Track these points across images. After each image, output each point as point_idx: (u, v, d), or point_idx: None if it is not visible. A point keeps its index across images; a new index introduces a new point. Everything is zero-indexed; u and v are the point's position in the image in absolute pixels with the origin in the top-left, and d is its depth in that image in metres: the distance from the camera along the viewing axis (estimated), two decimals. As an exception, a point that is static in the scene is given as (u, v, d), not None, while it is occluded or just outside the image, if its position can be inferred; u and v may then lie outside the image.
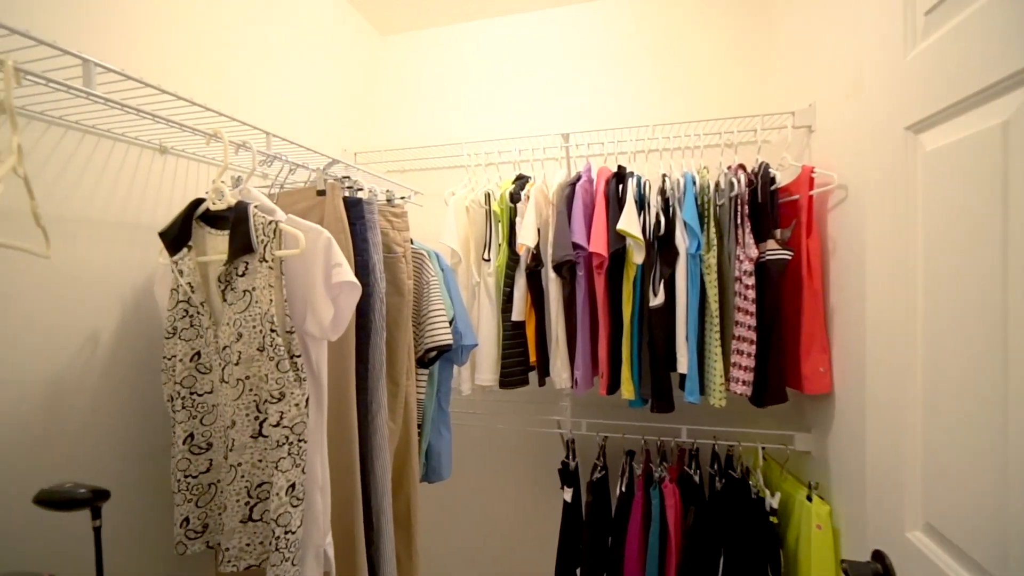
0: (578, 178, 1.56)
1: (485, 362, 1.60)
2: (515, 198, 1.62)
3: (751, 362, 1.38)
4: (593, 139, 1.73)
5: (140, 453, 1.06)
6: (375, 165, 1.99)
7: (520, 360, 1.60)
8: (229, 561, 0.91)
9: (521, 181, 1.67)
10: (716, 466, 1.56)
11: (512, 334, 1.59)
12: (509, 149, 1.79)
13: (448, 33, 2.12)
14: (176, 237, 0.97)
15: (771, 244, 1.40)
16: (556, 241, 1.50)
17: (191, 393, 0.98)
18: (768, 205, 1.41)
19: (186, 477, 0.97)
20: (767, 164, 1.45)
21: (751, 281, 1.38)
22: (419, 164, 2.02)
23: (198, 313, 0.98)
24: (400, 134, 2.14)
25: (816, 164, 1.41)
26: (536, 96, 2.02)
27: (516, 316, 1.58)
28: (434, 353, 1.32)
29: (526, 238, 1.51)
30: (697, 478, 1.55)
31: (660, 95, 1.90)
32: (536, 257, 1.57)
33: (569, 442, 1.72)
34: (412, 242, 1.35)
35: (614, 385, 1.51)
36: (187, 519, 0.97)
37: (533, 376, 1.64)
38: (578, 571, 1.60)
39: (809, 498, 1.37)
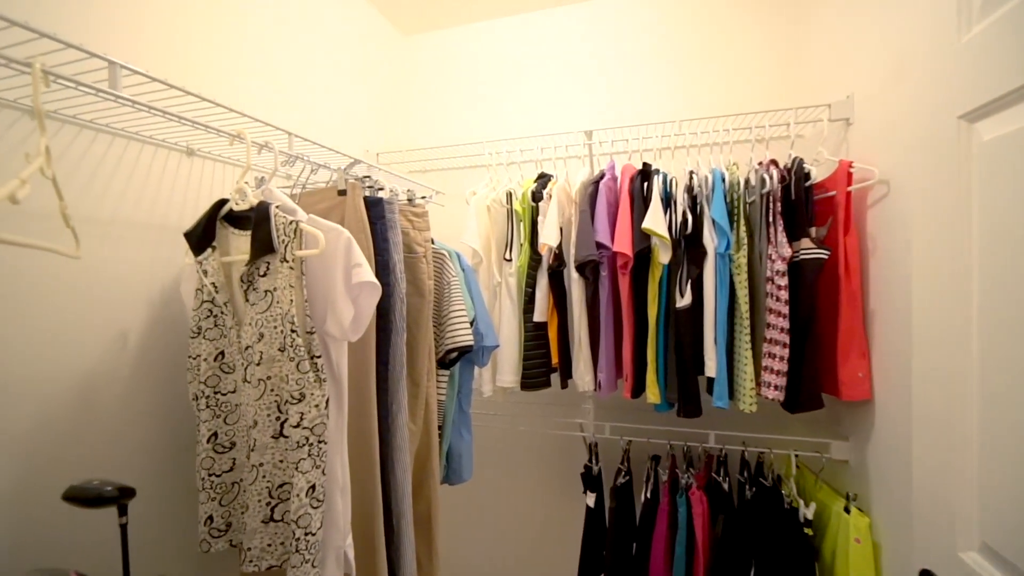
0: (602, 176, 1.53)
1: (506, 363, 1.58)
2: (537, 197, 1.59)
3: (784, 366, 1.32)
4: (617, 136, 1.69)
5: (166, 451, 1.08)
6: (397, 165, 1.99)
7: (542, 362, 1.57)
8: (251, 561, 0.91)
9: (543, 180, 1.64)
10: (746, 474, 1.50)
11: (534, 335, 1.57)
12: (531, 147, 1.77)
13: (469, 32, 2.11)
14: (201, 238, 0.98)
15: (805, 243, 1.34)
16: (579, 240, 1.47)
17: (215, 392, 0.99)
18: (802, 202, 1.35)
19: (210, 476, 0.98)
20: (801, 159, 1.38)
21: (784, 281, 1.32)
22: (441, 164, 2.02)
23: (222, 313, 0.99)
24: (422, 134, 2.14)
25: (854, 158, 1.34)
26: (558, 93, 1.99)
27: (538, 317, 1.55)
28: (455, 354, 1.30)
29: (548, 237, 1.48)
30: (726, 486, 1.49)
31: (687, 89, 1.84)
32: (558, 257, 1.53)
33: (592, 445, 1.68)
34: (433, 242, 1.34)
35: (639, 388, 1.46)
36: (211, 517, 0.98)
37: (555, 378, 1.61)
38: (601, 578, 1.56)
39: (847, 510, 1.30)
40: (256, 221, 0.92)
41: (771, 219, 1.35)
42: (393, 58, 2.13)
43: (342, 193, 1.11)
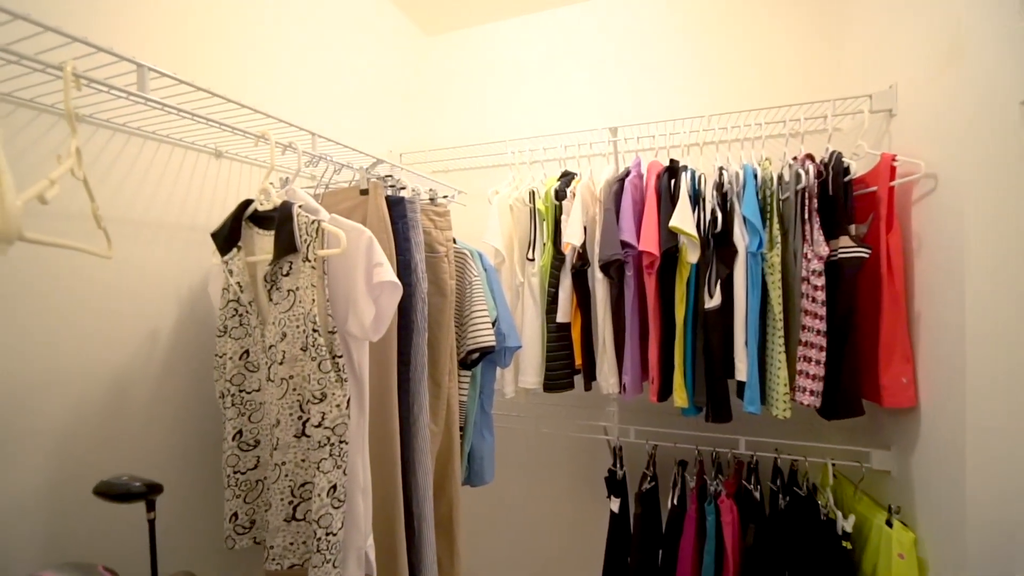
0: (627, 173, 1.49)
1: (529, 364, 1.56)
2: (560, 195, 1.56)
3: (820, 370, 1.26)
4: (643, 132, 1.64)
5: (194, 447, 1.10)
6: (420, 165, 1.99)
7: (565, 363, 1.54)
8: (273, 559, 0.92)
9: (567, 178, 1.61)
10: (779, 482, 1.44)
11: (557, 336, 1.54)
12: (554, 146, 1.74)
13: (492, 31, 2.10)
14: (227, 238, 0.99)
15: (844, 241, 1.27)
16: (604, 239, 1.43)
17: (240, 391, 1.00)
18: (840, 198, 1.28)
19: (235, 473, 0.99)
20: (839, 153, 1.31)
21: (820, 282, 1.26)
22: (464, 163, 2.01)
23: (247, 312, 1.00)
24: (445, 134, 2.14)
25: (898, 151, 1.26)
26: (582, 90, 1.95)
27: (561, 317, 1.52)
28: (477, 354, 1.29)
29: (572, 236, 1.46)
30: (757, 494, 1.43)
31: (715, 82, 1.78)
32: (582, 256, 1.50)
33: (616, 449, 1.64)
34: (455, 241, 1.33)
35: (665, 391, 1.42)
36: (236, 514, 0.99)
37: (579, 380, 1.58)
38: (626, 586, 1.53)
39: (889, 523, 1.23)
40: (279, 221, 0.92)
41: (807, 216, 1.29)
42: (416, 58, 2.14)
43: (364, 192, 1.11)
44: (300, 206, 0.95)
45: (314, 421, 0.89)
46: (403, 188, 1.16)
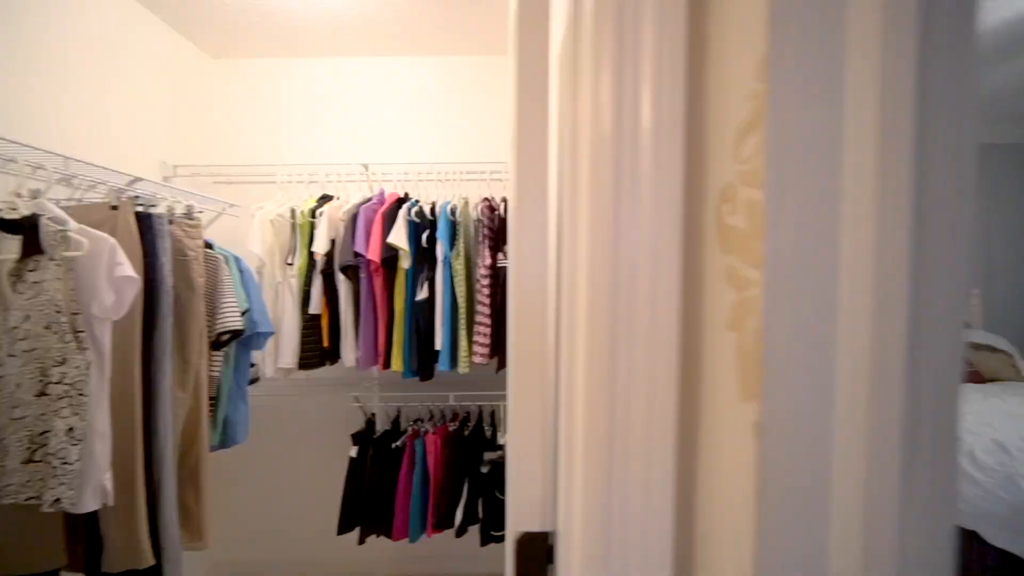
0: (366, 200, 1.99)
1: (287, 348, 1.94)
2: (315, 214, 2.00)
3: (487, 340, 1.92)
4: (387, 169, 2.18)
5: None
6: (199, 178, 2.22)
7: (316, 345, 1.97)
8: (9, 496, 1.15)
9: (323, 199, 2.05)
10: (476, 422, 2.08)
11: (310, 325, 1.96)
12: (316, 172, 2.17)
13: (276, 64, 2.43)
14: (-31, 239, 1.20)
15: (500, 257, 1.96)
16: (342, 249, 1.91)
17: (-20, 366, 1.20)
18: (504, 227, 1.97)
19: (-27, 435, 1.19)
20: (506, 197, 2.01)
21: (487, 283, 1.92)
22: (239, 178, 2.29)
23: (-11, 300, 1.21)
24: (227, 149, 2.39)
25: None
26: (346, 129, 2.42)
27: (313, 310, 1.95)
28: (227, 336, 1.64)
29: (319, 247, 1.90)
30: (453, 428, 2.05)
31: (443, 137, 2.41)
32: (329, 262, 1.96)
33: (371, 416, 2.12)
34: (213, 246, 1.66)
35: (389, 362, 1.95)
36: (-27, 469, 1.18)
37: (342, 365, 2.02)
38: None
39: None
40: (27, 229, 1.18)
41: (480, 238, 1.95)
42: (200, 78, 2.35)
43: (114, 208, 1.39)
44: (50, 217, 1.21)
45: (55, 380, 1.16)
46: (153, 205, 1.47)
